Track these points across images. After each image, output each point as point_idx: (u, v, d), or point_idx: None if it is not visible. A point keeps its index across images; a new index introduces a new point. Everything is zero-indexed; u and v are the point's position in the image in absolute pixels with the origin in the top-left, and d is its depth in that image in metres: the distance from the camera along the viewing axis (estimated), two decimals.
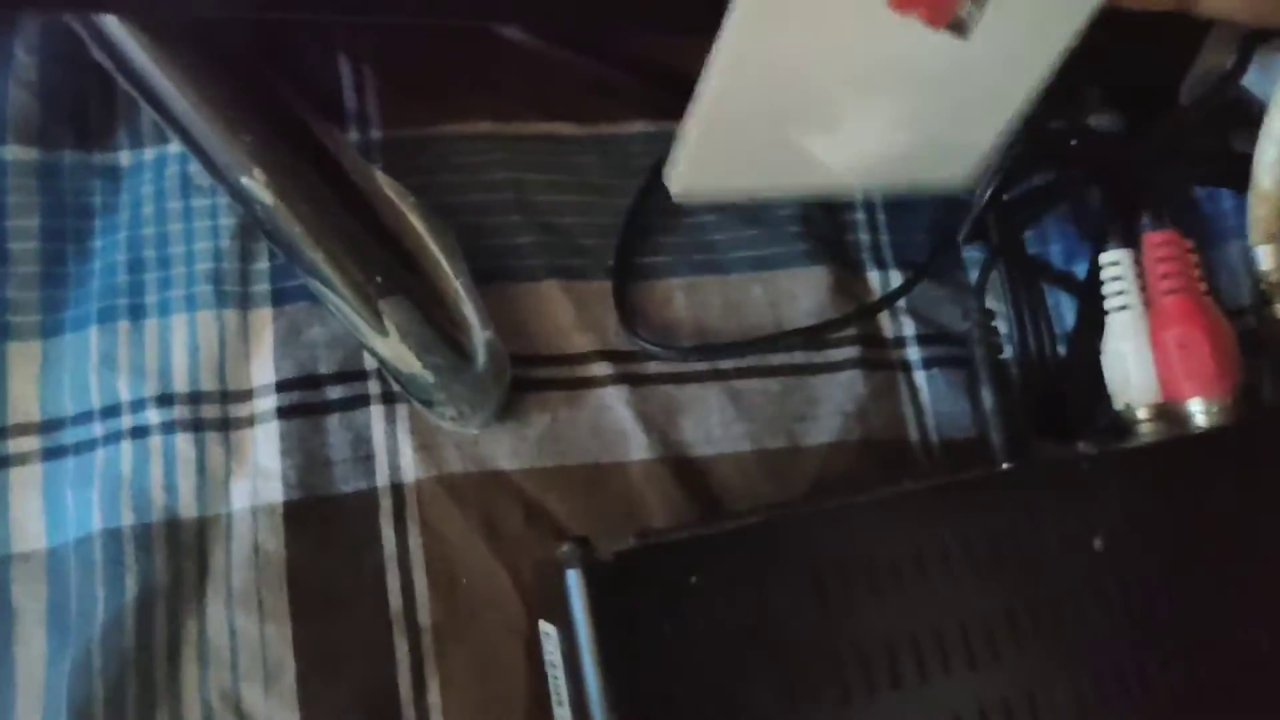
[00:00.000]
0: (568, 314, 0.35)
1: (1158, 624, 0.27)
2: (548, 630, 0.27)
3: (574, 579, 0.24)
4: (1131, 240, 0.31)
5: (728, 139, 0.29)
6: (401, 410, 0.33)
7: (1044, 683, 0.26)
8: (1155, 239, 0.30)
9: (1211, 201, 0.38)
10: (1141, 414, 0.30)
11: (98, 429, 0.32)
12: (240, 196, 0.32)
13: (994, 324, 0.31)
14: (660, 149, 0.36)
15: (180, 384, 0.33)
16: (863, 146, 0.30)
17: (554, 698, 0.27)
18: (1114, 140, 0.35)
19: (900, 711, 0.25)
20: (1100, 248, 0.33)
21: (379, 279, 0.31)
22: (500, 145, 0.36)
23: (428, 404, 0.33)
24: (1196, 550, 0.27)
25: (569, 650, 0.25)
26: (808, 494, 0.33)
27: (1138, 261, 0.31)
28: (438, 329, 0.32)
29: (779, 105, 0.28)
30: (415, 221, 0.33)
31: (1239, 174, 0.35)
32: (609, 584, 0.24)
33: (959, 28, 0.27)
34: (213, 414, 0.33)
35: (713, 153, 0.29)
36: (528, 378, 0.34)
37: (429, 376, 0.31)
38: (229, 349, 0.33)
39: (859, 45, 0.27)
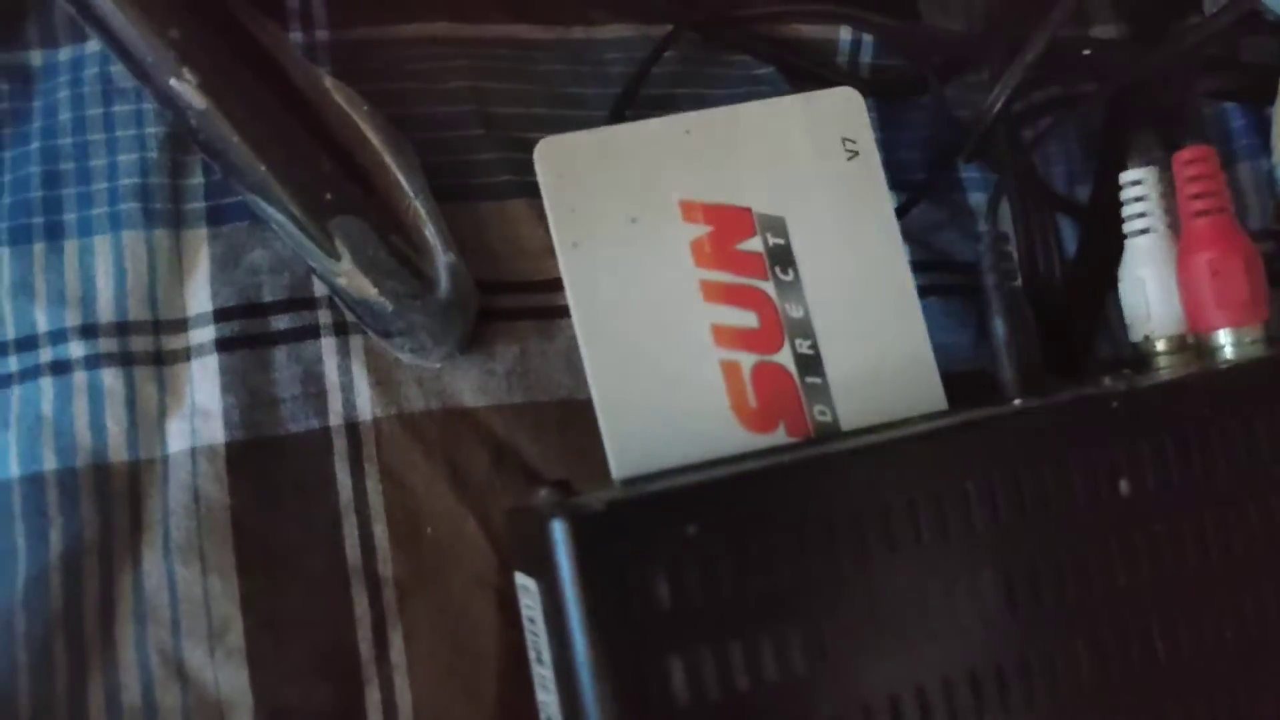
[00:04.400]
0: (538, 236, 0.32)
1: (1188, 576, 0.25)
2: (525, 584, 0.25)
3: (560, 530, 0.22)
4: (1153, 157, 0.29)
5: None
6: (356, 342, 0.31)
7: (1065, 640, 0.24)
8: (1186, 155, 0.28)
9: (1218, 120, 0.36)
10: (1161, 346, 0.28)
11: (13, 363, 0.30)
12: (169, 101, 0.28)
13: (1008, 248, 0.28)
14: (639, 55, 0.33)
15: (106, 313, 0.30)
16: None
17: (532, 655, 0.25)
18: (1130, 50, 0.32)
19: (917, 670, 0.23)
20: (1109, 167, 0.31)
21: (329, 196, 0.29)
22: (460, 49, 0.33)
23: (385, 335, 0.30)
24: (1230, 495, 0.25)
25: (552, 608, 0.23)
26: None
27: (1160, 180, 0.29)
28: (395, 252, 0.29)
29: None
30: (369, 133, 0.30)
31: (1253, 87, 0.33)
32: (598, 535, 0.22)
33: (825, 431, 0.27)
34: (143, 346, 0.30)
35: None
36: (495, 306, 0.31)
37: (386, 304, 0.29)
38: (160, 274, 0.30)
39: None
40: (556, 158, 0.28)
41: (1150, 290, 0.28)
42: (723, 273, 0.28)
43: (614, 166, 0.28)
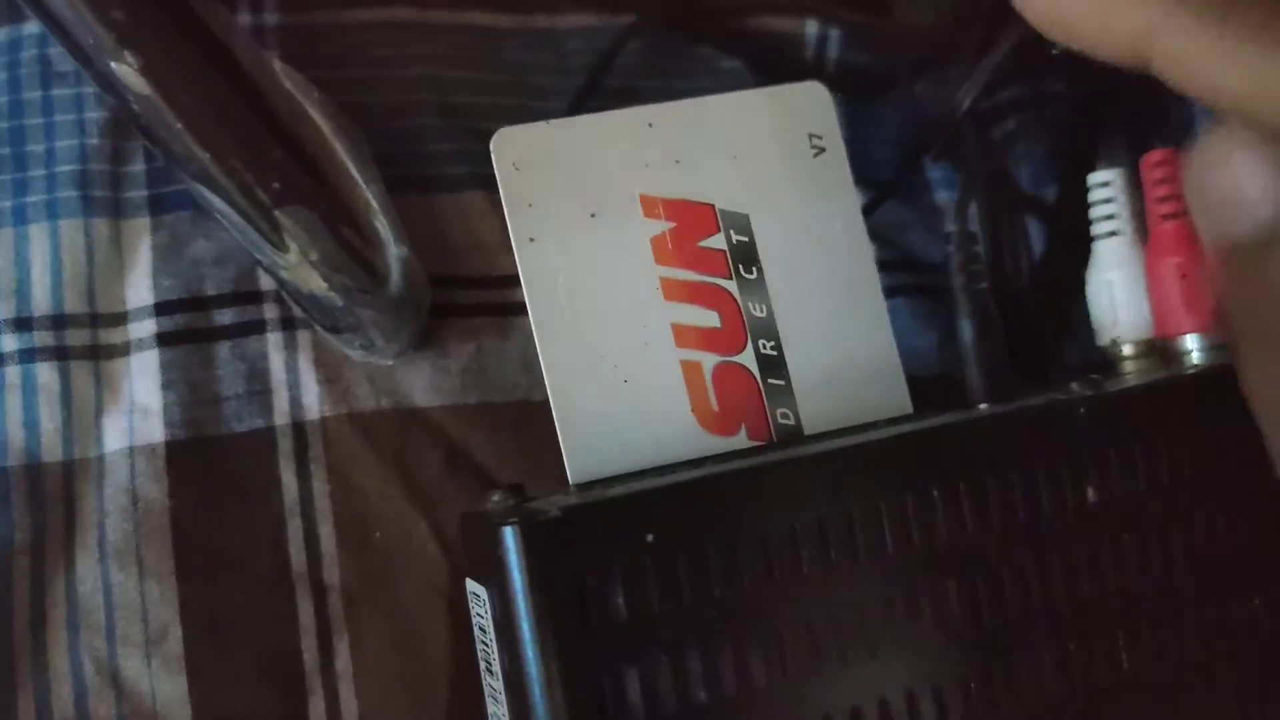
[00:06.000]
0: (494, 230, 0.31)
1: (1155, 585, 0.24)
2: (476, 591, 0.24)
3: (511, 537, 0.21)
4: (1121, 159, 0.29)
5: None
6: (303, 337, 0.30)
7: (1031, 651, 0.23)
8: (1155, 158, 0.27)
9: (1187, 123, 0.36)
10: (1128, 350, 0.28)
11: None
12: (110, 86, 0.27)
13: (977, 249, 0.28)
14: (602, 45, 0.33)
15: (41, 305, 0.28)
16: None
17: (483, 665, 0.24)
18: None
19: (880, 682, 0.22)
20: (1077, 168, 0.30)
21: (276, 185, 0.27)
22: (419, 36, 0.32)
23: (334, 331, 0.29)
24: (1198, 503, 0.25)
25: (503, 617, 0.22)
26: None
27: (1129, 182, 0.28)
28: (345, 244, 0.28)
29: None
30: (320, 121, 0.29)
31: None
32: (551, 543, 0.21)
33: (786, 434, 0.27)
34: (80, 340, 0.28)
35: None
36: (450, 302, 0.30)
37: (335, 299, 0.28)
38: (99, 264, 0.29)
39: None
40: (514, 149, 0.27)
41: (1117, 294, 0.28)
42: (684, 270, 0.27)
43: (573, 159, 0.27)
